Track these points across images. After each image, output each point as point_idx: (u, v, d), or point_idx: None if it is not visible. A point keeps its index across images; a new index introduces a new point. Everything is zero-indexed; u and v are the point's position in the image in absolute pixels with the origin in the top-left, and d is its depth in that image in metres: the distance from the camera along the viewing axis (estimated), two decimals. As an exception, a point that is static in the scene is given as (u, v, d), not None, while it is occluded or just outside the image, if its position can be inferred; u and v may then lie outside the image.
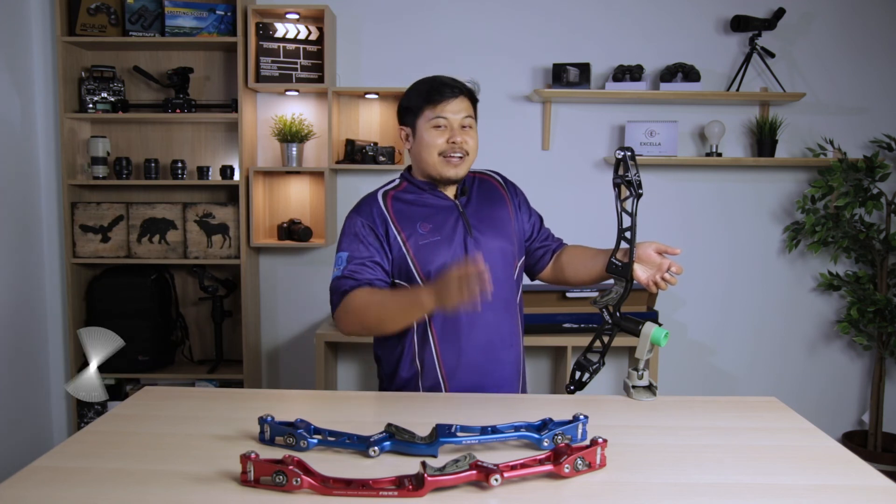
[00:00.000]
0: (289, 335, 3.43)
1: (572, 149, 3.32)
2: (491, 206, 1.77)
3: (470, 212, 1.73)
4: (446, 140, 1.66)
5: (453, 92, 1.67)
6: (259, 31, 3.08)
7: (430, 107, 1.66)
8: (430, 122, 1.67)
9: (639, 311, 3.22)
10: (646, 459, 1.26)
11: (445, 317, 1.67)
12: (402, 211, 1.70)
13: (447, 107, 1.66)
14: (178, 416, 1.47)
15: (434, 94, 1.66)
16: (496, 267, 1.67)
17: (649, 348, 1.60)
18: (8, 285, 3.00)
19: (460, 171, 1.69)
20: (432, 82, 1.69)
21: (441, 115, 1.66)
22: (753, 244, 3.37)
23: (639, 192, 1.60)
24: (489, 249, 1.69)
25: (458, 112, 1.67)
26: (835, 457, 1.29)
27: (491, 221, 1.74)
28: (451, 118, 1.66)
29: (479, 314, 1.65)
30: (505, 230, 1.75)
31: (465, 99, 1.69)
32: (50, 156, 3.23)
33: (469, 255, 1.66)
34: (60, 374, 3.32)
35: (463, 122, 1.68)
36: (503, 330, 1.73)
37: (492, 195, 1.79)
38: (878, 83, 3.29)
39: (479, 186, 1.80)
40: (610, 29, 3.27)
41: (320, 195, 3.29)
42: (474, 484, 1.14)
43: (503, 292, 1.72)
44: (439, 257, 1.66)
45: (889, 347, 3.13)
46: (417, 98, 1.69)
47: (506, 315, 1.74)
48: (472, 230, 1.70)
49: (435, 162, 1.68)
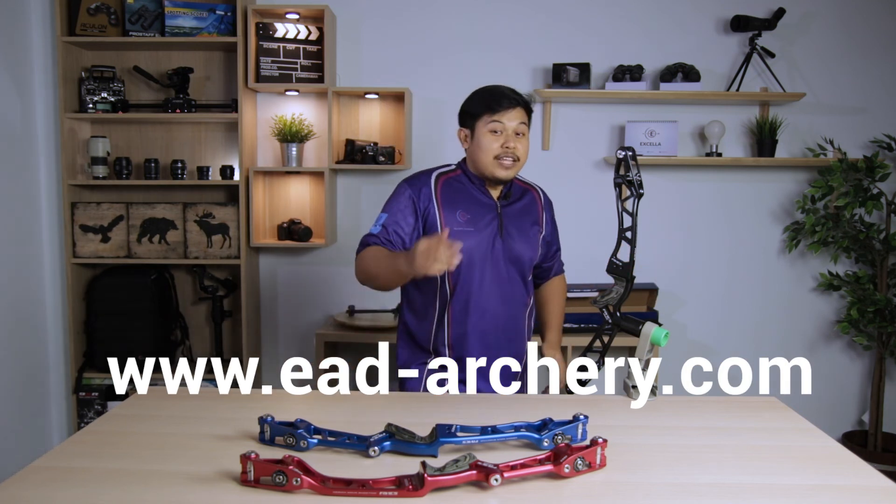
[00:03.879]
0: (289, 335, 3.43)
1: (572, 149, 3.32)
2: (527, 216, 1.93)
3: (507, 215, 1.89)
4: (501, 145, 1.81)
5: (511, 102, 1.82)
6: (259, 31, 3.08)
7: (489, 113, 1.81)
8: (488, 127, 1.81)
9: (639, 311, 3.22)
10: (646, 459, 1.26)
11: (461, 303, 1.84)
12: (449, 195, 1.86)
13: (505, 115, 1.81)
14: (178, 416, 1.47)
15: (494, 102, 1.82)
16: (516, 268, 1.89)
17: (649, 348, 1.60)
18: (8, 285, 3.00)
19: (511, 173, 1.84)
20: (493, 91, 1.85)
21: (499, 119, 1.81)
22: (753, 244, 3.37)
23: (640, 192, 1.60)
24: (515, 252, 1.87)
25: (513, 120, 1.81)
26: (835, 457, 1.29)
27: (523, 229, 1.90)
28: (508, 125, 1.81)
29: (490, 302, 1.84)
30: (532, 241, 1.92)
31: (521, 109, 1.84)
32: (50, 156, 3.23)
33: (494, 250, 1.85)
34: (60, 374, 3.32)
35: (517, 129, 1.82)
36: (510, 323, 1.89)
37: (530, 207, 1.96)
38: (878, 83, 3.29)
39: (522, 196, 1.95)
40: (610, 29, 3.27)
41: (320, 195, 3.29)
42: (474, 484, 1.14)
43: (513, 290, 1.89)
44: (467, 245, 1.78)
45: (889, 347, 3.13)
46: (479, 104, 1.84)
47: (516, 310, 1.90)
48: (504, 231, 1.86)
49: (488, 163, 1.82)
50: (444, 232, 1.56)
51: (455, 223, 1.83)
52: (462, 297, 1.84)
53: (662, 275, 3.34)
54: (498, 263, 1.86)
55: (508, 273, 1.87)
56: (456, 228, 1.82)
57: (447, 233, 1.55)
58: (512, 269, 1.88)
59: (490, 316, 1.86)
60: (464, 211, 1.85)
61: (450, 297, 1.85)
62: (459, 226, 1.83)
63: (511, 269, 1.88)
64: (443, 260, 1.50)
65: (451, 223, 1.82)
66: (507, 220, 1.88)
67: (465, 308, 1.84)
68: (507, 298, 1.88)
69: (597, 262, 2.31)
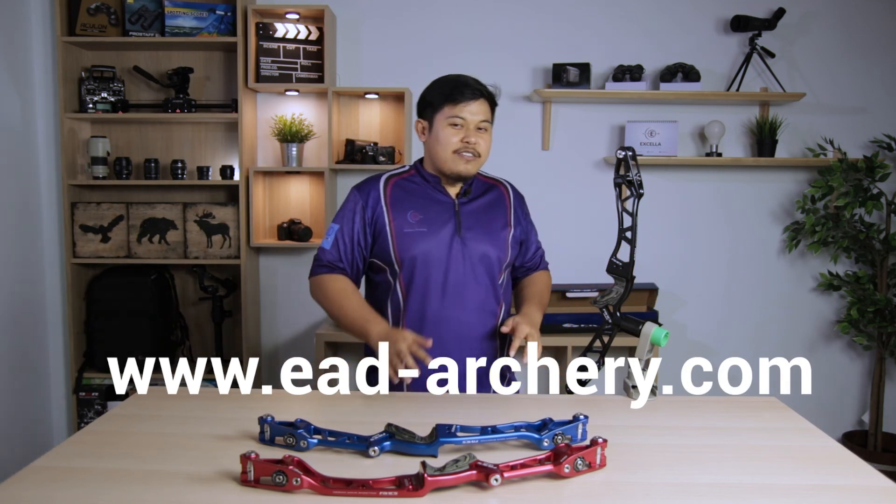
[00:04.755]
0: (289, 335, 3.43)
1: (572, 149, 3.32)
2: (491, 212, 1.80)
3: (466, 212, 1.76)
4: (461, 139, 1.70)
5: (474, 94, 1.70)
6: (259, 31, 3.08)
7: (449, 105, 1.70)
8: (448, 120, 1.71)
9: (639, 311, 3.22)
10: (646, 459, 1.26)
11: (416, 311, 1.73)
12: (400, 196, 1.76)
13: (466, 107, 1.69)
14: (178, 416, 1.47)
15: (455, 93, 1.70)
16: (475, 270, 1.74)
17: (649, 348, 1.60)
18: (8, 285, 3.00)
19: (471, 169, 1.73)
20: (455, 81, 1.72)
21: (459, 114, 1.70)
22: (753, 244, 3.37)
23: (640, 192, 1.60)
24: (474, 251, 1.74)
25: (476, 114, 1.70)
26: (835, 457, 1.29)
27: (487, 227, 1.77)
28: (469, 118, 1.70)
29: (450, 310, 1.72)
30: (497, 238, 1.77)
31: (484, 102, 1.72)
32: (50, 156, 3.23)
33: (453, 251, 1.71)
34: (60, 374, 3.33)
35: (479, 124, 1.71)
36: (472, 332, 1.75)
37: (496, 203, 1.82)
38: (878, 83, 3.29)
39: (485, 192, 1.83)
40: (610, 29, 3.27)
41: (320, 195, 3.29)
42: (474, 484, 1.14)
43: (478, 296, 1.75)
44: (419, 247, 1.71)
45: (889, 347, 3.13)
46: (439, 94, 1.72)
47: (478, 318, 1.75)
48: (463, 229, 1.74)
49: (447, 158, 1.71)
50: (427, 342, 1.53)
51: (406, 225, 1.72)
52: (416, 306, 1.72)
53: (662, 275, 3.34)
54: (458, 266, 1.72)
55: (472, 276, 1.73)
56: (406, 230, 1.71)
57: (426, 341, 1.53)
58: (476, 271, 1.73)
59: (452, 324, 1.71)
60: (416, 211, 1.74)
61: (403, 303, 1.73)
62: (411, 227, 1.71)
63: (475, 272, 1.73)
64: (402, 368, 1.50)
65: (401, 226, 1.72)
66: (466, 217, 1.75)
67: (420, 315, 1.72)
68: (471, 305, 1.73)
69: (597, 262, 2.31)
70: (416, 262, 1.70)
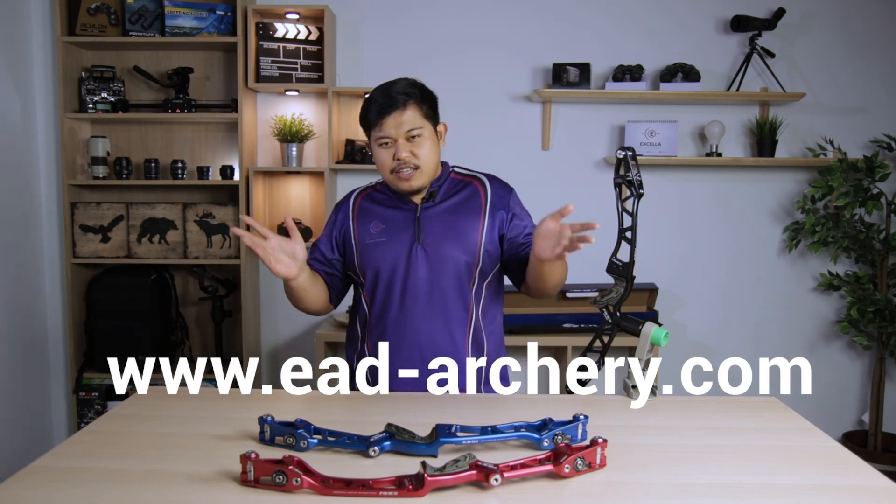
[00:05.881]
0: (289, 335, 3.43)
1: (572, 149, 3.32)
2: (458, 214, 1.71)
3: (430, 218, 1.70)
4: (392, 157, 1.64)
5: (392, 108, 1.61)
6: (259, 31, 3.08)
7: (373, 127, 1.65)
8: (377, 142, 1.66)
9: (639, 311, 3.22)
10: (646, 459, 1.26)
11: (378, 322, 1.71)
12: (366, 209, 1.76)
13: (386, 123, 1.62)
14: (177, 416, 1.47)
15: (371, 113, 1.64)
16: (439, 277, 1.67)
17: (649, 348, 1.60)
18: (8, 285, 3.00)
19: (414, 184, 1.66)
20: (370, 100, 1.65)
21: (383, 133, 1.63)
22: (753, 244, 3.37)
23: (640, 192, 1.60)
24: (438, 257, 1.67)
25: (399, 126, 1.62)
26: (835, 457, 1.29)
27: (451, 230, 1.69)
28: (394, 133, 1.62)
29: (413, 322, 1.67)
30: (465, 241, 1.68)
31: (406, 109, 1.62)
32: (50, 156, 3.23)
33: (414, 259, 1.67)
34: (60, 374, 3.33)
35: (408, 134, 1.63)
36: (433, 340, 1.69)
37: (468, 202, 1.72)
38: (878, 83, 3.29)
39: (456, 192, 1.74)
40: (610, 29, 3.27)
41: (320, 195, 3.28)
42: (474, 484, 1.14)
43: (445, 304, 1.68)
44: (379, 258, 1.70)
45: (889, 347, 3.13)
46: (363, 119, 1.68)
47: (443, 327, 1.69)
48: (423, 235, 1.68)
49: (389, 179, 1.69)
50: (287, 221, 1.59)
51: (367, 237, 1.71)
52: (378, 316, 1.71)
53: (662, 275, 3.34)
54: (419, 274, 1.66)
55: (437, 283, 1.67)
56: (368, 241, 1.71)
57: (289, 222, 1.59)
58: (441, 277, 1.66)
59: (412, 333, 1.67)
60: (378, 222, 1.72)
61: (368, 315, 1.73)
62: (372, 238, 1.71)
63: (439, 279, 1.66)
64: (277, 258, 1.57)
65: (363, 237, 1.72)
66: (428, 222, 1.69)
67: (382, 327, 1.70)
68: (437, 314, 1.67)
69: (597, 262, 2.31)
70: (378, 272, 1.70)
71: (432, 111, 1.69)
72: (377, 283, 1.71)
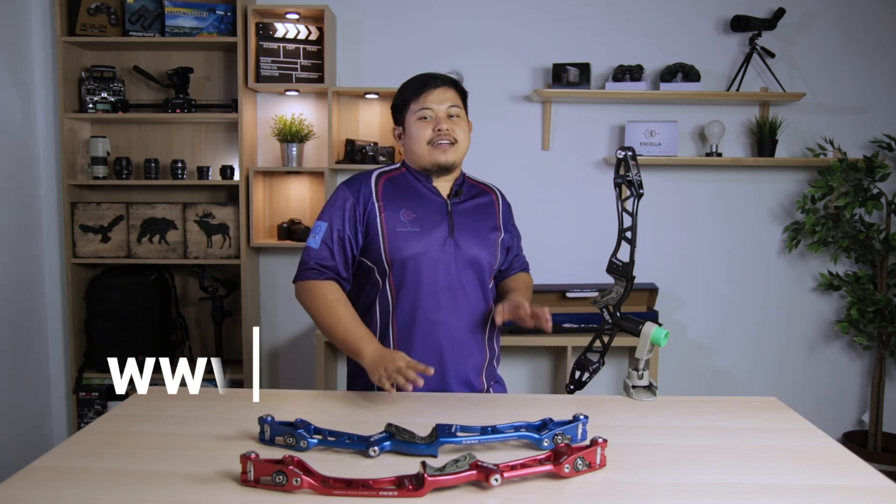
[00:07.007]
0: (289, 335, 3.43)
1: (572, 149, 3.32)
2: (480, 216, 1.77)
3: (459, 213, 1.73)
4: (432, 129, 1.68)
5: (436, 82, 1.70)
6: (259, 31, 3.08)
7: (414, 100, 1.70)
8: (416, 115, 1.70)
9: (639, 311, 3.22)
10: (646, 459, 1.26)
11: (406, 314, 1.68)
12: (391, 193, 1.72)
13: (430, 97, 1.69)
14: (177, 416, 1.47)
15: (417, 87, 1.70)
16: (467, 273, 1.71)
17: (649, 348, 1.60)
18: (8, 285, 3.00)
19: (449, 157, 1.69)
20: (416, 78, 1.74)
21: (425, 105, 1.69)
22: (753, 244, 3.37)
23: (640, 192, 1.60)
24: (466, 255, 1.70)
25: (442, 102, 1.69)
26: (835, 457, 1.29)
27: (478, 230, 1.74)
28: (437, 108, 1.69)
29: (441, 313, 1.68)
30: (489, 243, 1.75)
31: (449, 89, 1.72)
32: (50, 156, 3.23)
33: (445, 252, 1.67)
34: (60, 374, 3.32)
35: (449, 111, 1.70)
36: (463, 336, 1.72)
37: (487, 208, 1.80)
38: (878, 83, 3.29)
39: (476, 195, 1.80)
40: (610, 29, 3.27)
41: (320, 195, 3.28)
42: (474, 484, 1.14)
43: (469, 299, 1.72)
44: (412, 248, 1.66)
45: (889, 347, 3.13)
46: (403, 94, 1.73)
47: (473, 321, 1.73)
48: (456, 231, 1.70)
49: (424, 152, 1.69)
50: (420, 366, 1.47)
51: (398, 223, 1.67)
52: (407, 307, 1.67)
53: (662, 275, 3.34)
54: (450, 267, 1.68)
55: (464, 278, 1.69)
56: (399, 229, 1.66)
57: (418, 365, 1.47)
58: (468, 273, 1.70)
59: (442, 328, 1.68)
60: (409, 210, 1.69)
61: (392, 306, 1.69)
62: (404, 226, 1.66)
63: (467, 274, 1.70)
64: (399, 383, 1.45)
65: (393, 224, 1.67)
66: (458, 218, 1.71)
67: (411, 319, 1.67)
68: (463, 308, 1.70)
69: (597, 262, 2.31)
70: (408, 263, 1.66)
71: (466, 104, 1.77)
72: (405, 274, 1.67)
